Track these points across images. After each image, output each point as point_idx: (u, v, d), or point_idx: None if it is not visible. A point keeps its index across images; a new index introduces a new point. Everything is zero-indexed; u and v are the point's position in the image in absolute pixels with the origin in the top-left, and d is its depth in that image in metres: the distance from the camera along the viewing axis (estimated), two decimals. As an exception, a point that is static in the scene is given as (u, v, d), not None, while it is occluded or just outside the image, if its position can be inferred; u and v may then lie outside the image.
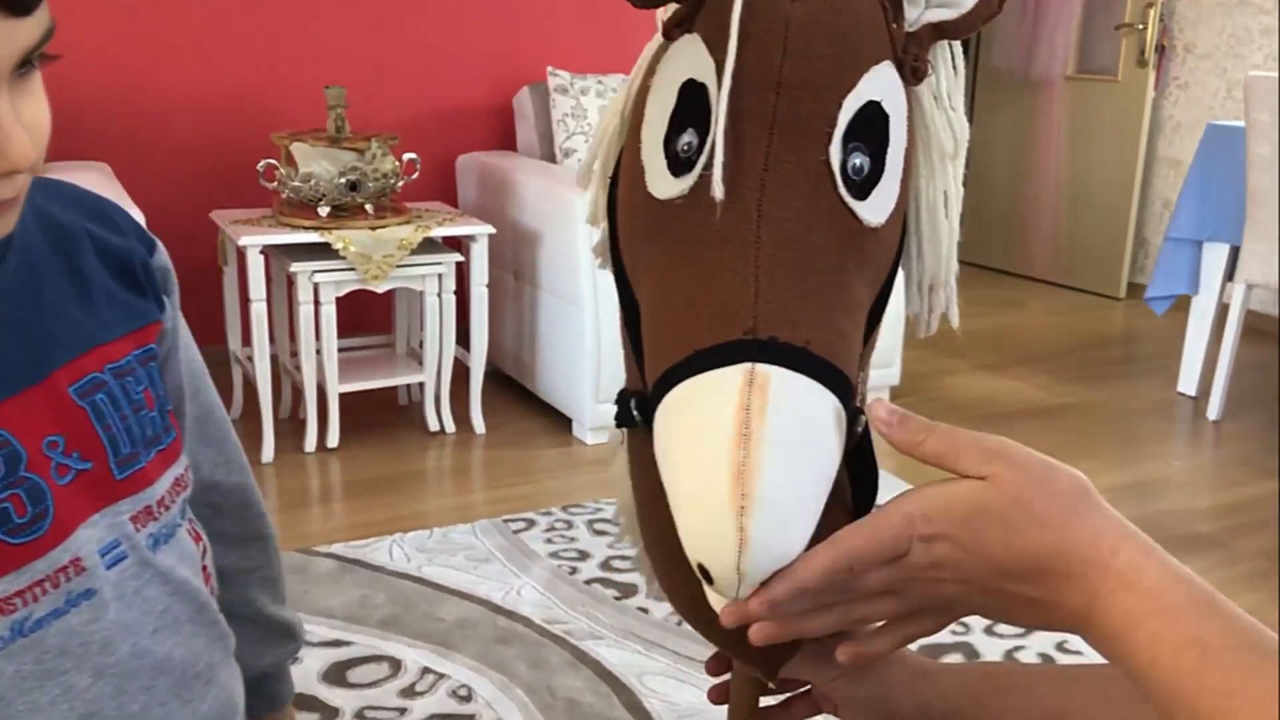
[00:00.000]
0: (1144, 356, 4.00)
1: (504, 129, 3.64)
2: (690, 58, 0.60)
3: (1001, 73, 5.14)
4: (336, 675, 1.85)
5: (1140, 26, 4.57)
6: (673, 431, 0.55)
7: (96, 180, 2.62)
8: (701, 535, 0.52)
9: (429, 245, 2.78)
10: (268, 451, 2.74)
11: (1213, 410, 3.26)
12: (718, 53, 0.57)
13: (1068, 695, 0.71)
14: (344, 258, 2.64)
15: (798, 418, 0.53)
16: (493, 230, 2.87)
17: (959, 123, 0.66)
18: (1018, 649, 1.98)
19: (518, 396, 3.23)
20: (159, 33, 3.18)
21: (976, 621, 2.04)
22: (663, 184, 0.60)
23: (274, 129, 3.23)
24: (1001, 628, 2.01)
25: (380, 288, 2.70)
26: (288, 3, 3.31)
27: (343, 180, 2.68)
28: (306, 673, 1.85)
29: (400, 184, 2.78)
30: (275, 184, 2.72)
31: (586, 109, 3.29)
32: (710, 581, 0.53)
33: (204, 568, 0.80)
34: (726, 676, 0.82)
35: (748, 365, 0.53)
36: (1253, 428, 3.22)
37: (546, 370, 3.03)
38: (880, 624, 0.61)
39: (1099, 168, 4.81)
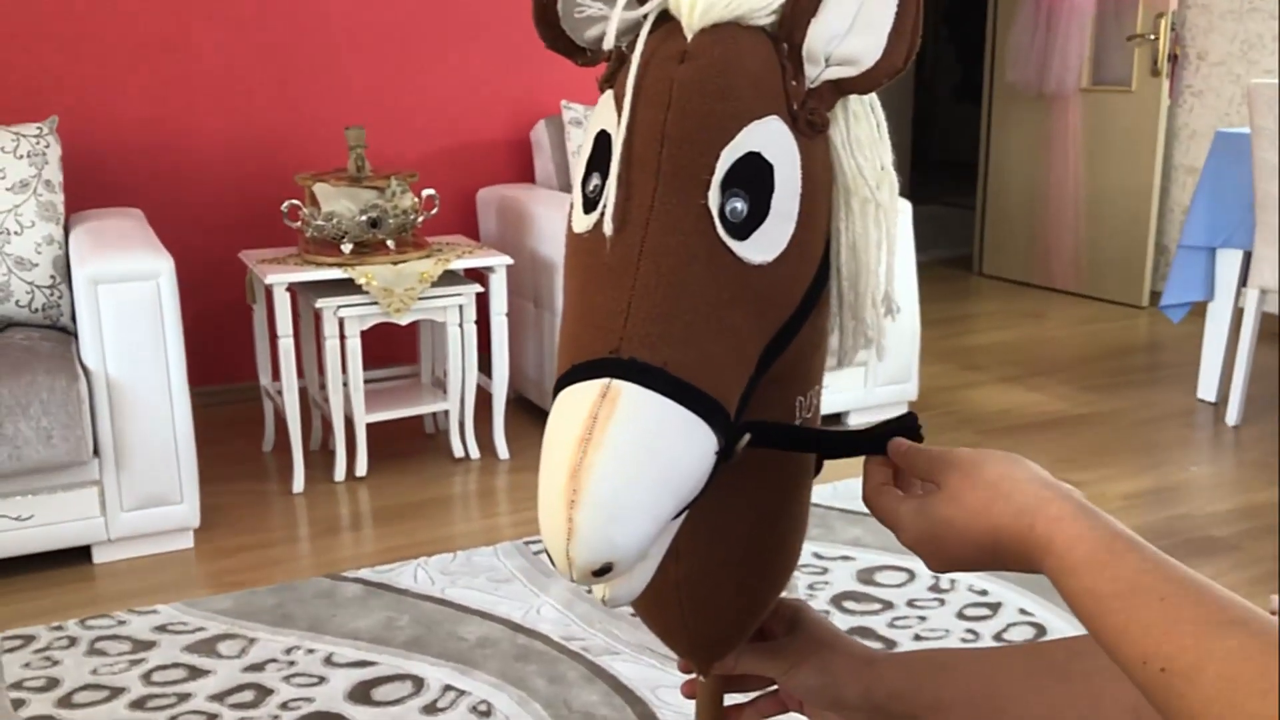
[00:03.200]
0: (1166, 364, 4.01)
1: (523, 162, 3.73)
2: (605, 111, 0.69)
3: (1016, 88, 5.18)
4: (361, 694, 1.93)
5: (1152, 37, 4.60)
6: (545, 433, 0.63)
7: (130, 226, 2.73)
8: (544, 524, 0.60)
9: (450, 277, 2.87)
10: (299, 482, 2.83)
11: (1231, 416, 3.27)
12: (619, 107, 0.67)
13: (997, 674, 0.78)
14: (367, 292, 2.73)
15: (641, 429, 0.60)
16: (510, 261, 2.95)
17: (871, 170, 0.72)
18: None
19: (540, 421, 3.29)
20: (187, 83, 3.30)
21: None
22: (578, 220, 0.69)
23: (297, 170, 3.35)
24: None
25: (403, 320, 2.79)
26: (307, 47, 3.43)
27: (364, 218, 2.77)
28: (333, 692, 1.93)
29: (420, 219, 2.87)
30: (299, 224, 2.82)
31: (601, 139, 3.37)
32: (555, 565, 0.61)
33: None
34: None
35: (605, 380, 0.61)
36: (1270, 432, 3.23)
37: (567, 395, 3.09)
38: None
39: (1117, 178, 4.84)
